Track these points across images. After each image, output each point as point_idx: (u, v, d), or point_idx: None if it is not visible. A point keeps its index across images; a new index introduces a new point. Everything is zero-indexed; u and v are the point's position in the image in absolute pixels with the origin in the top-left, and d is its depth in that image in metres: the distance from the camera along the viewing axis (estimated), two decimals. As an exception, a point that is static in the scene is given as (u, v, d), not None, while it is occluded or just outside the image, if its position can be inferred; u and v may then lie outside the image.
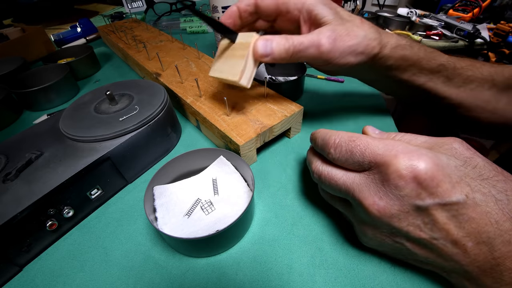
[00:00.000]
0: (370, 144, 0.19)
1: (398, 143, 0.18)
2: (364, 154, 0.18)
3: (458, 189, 0.16)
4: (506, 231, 0.16)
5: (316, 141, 0.23)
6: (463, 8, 0.70)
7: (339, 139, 0.20)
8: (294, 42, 0.26)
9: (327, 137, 0.21)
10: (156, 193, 0.26)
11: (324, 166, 0.22)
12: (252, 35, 0.27)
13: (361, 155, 0.19)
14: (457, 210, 0.16)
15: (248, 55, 0.27)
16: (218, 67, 0.31)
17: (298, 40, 0.26)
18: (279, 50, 0.26)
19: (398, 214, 0.17)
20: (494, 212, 0.16)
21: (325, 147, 0.21)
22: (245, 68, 0.28)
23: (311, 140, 0.24)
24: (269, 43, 0.26)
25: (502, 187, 0.17)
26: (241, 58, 0.28)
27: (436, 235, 0.17)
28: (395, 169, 0.17)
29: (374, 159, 0.18)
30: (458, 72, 0.31)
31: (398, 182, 0.17)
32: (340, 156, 0.20)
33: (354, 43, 0.26)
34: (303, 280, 0.22)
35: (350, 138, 0.20)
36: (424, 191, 0.16)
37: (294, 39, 0.26)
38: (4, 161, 0.27)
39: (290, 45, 0.26)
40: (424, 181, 0.16)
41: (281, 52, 0.26)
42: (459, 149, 0.19)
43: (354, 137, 0.20)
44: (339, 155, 0.20)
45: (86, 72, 0.56)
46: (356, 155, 0.19)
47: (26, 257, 0.25)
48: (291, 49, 0.26)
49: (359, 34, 0.26)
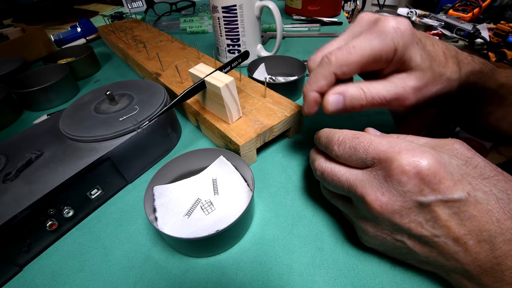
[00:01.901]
0: (373, 141, 0.19)
1: (401, 140, 0.18)
2: (368, 151, 0.19)
3: (460, 187, 0.16)
4: (507, 230, 0.16)
5: (320, 139, 0.23)
6: (463, 8, 0.70)
7: (343, 136, 0.20)
8: (373, 96, 0.22)
9: (331, 134, 0.22)
10: (156, 193, 0.26)
11: (327, 163, 0.22)
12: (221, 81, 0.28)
13: (364, 152, 0.19)
14: (458, 208, 0.16)
15: (225, 103, 0.29)
16: (208, 104, 0.33)
17: (379, 95, 0.22)
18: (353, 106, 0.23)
19: (400, 210, 0.17)
20: (495, 210, 0.16)
21: (329, 144, 0.21)
22: (230, 111, 0.30)
23: (315, 139, 0.24)
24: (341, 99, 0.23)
25: (502, 186, 0.17)
26: (222, 106, 0.30)
27: (438, 232, 0.17)
28: (398, 164, 0.17)
29: (377, 155, 0.18)
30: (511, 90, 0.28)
31: (400, 177, 0.17)
32: (343, 153, 0.20)
33: (438, 89, 0.23)
34: (303, 280, 0.22)
35: (354, 136, 0.20)
36: (427, 187, 0.16)
37: (373, 93, 0.22)
38: (4, 161, 0.27)
39: (368, 101, 0.23)
40: (427, 177, 0.16)
41: (354, 107, 0.23)
42: (460, 149, 0.19)
43: (357, 135, 0.20)
44: (342, 152, 0.20)
45: (86, 72, 0.56)
46: (359, 152, 0.19)
47: (26, 257, 0.25)
48: (368, 105, 0.23)
49: (444, 77, 0.23)
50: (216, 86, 0.28)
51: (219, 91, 0.28)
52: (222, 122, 0.32)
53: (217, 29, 0.49)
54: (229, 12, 0.45)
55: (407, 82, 0.22)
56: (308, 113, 0.26)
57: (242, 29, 0.47)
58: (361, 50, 0.21)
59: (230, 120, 0.31)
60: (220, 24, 0.47)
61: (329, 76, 0.23)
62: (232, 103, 0.30)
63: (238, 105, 0.31)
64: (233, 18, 0.46)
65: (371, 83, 0.23)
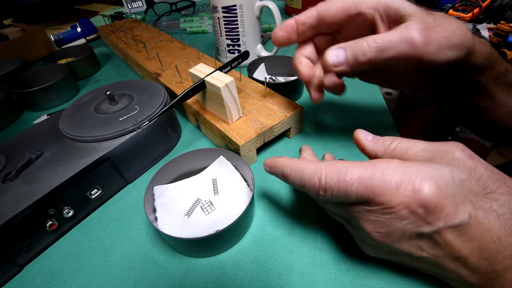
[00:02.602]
0: (365, 180, 0.17)
1: (395, 166, 0.17)
2: (362, 194, 0.17)
3: (461, 210, 0.16)
4: (507, 247, 0.15)
5: (289, 179, 0.20)
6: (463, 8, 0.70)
7: (324, 179, 0.18)
8: (377, 43, 0.21)
9: (305, 175, 0.19)
10: (156, 193, 0.26)
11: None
12: (221, 81, 0.28)
13: (357, 196, 0.17)
14: (460, 231, 0.16)
15: (225, 103, 0.29)
16: (208, 104, 0.33)
17: (384, 40, 0.21)
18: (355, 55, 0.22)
19: (400, 238, 0.17)
20: (496, 228, 0.16)
21: (311, 189, 0.19)
22: (230, 111, 0.30)
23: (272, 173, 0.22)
24: (341, 52, 0.22)
25: (505, 200, 0.16)
26: (222, 106, 0.29)
27: (438, 254, 0.17)
28: (399, 203, 0.16)
29: (372, 194, 0.16)
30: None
31: (402, 213, 0.16)
32: (333, 198, 0.18)
33: (449, 33, 0.21)
34: (303, 280, 0.22)
35: (339, 176, 0.17)
36: (428, 217, 0.16)
37: (377, 40, 0.21)
38: (4, 161, 0.27)
39: (372, 50, 0.21)
40: (428, 208, 0.16)
41: (358, 57, 0.21)
42: (461, 158, 0.18)
43: (342, 174, 0.17)
44: (331, 197, 0.18)
45: (86, 72, 0.56)
46: (351, 196, 0.17)
47: (26, 257, 0.25)
48: (373, 51, 0.21)
49: (451, 24, 0.21)
50: (216, 86, 0.28)
51: (219, 91, 0.28)
52: (222, 122, 0.32)
53: (217, 29, 0.49)
54: (229, 12, 0.45)
55: (408, 25, 0.21)
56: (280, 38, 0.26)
57: (242, 29, 0.47)
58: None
59: (230, 120, 0.31)
60: (220, 24, 0.47)
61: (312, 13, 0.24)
62: (232, 103, 0.30)
63: (238, 105, 0.31)
64: (233, 18, 0.46)
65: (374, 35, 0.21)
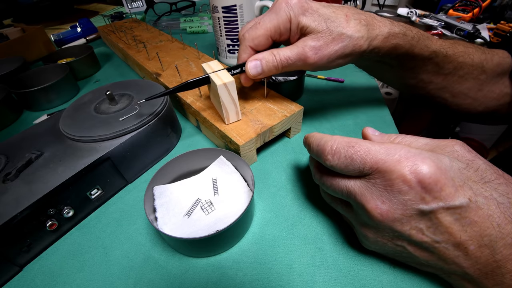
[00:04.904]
0: (371, 150, 0.18)
1: (400, 147, 0.18)
2: (365, 161, 0.18)
3: (461, 193, 0.16)
4: (507, 234, 0.16)
5: (311, 146, 0.22)
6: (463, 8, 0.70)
7: (336, 145, 0.19)
8: (281, 58, 0.27)
9: (322, 142, 0.20)
10: (156, 193, 0.26)
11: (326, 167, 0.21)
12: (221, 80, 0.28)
13: (362, 162, 0.18)
14: (460, 214, 0.16)
15: (221, 101, 0.29)
16: (213, 100, 0.34)
17: (285, 56, 0.27)
18: (269, 68, 0.28)
19: (401, 218, 0.17)
20: (496, 215, 0.16)
21: (322, 154, 0.20)
22: (227, 111, 0.30)
23: (305, 144, 0.24)
24: (258, 63, 0.28)
25: (503, 190, 0.17)
26: (220, 104, 0.30)
27: (439, 239, 0.17)
28: (399, 174, 0.16)
29: (376, 164, 0.17)
30: (449, 59, 0.31)
31: (402, 187, 0.16)
32: (339, 163, 0.19)
33: (340, 47, 0.26)
34: (303, 280, 0.22)
35: (349, 144, 0.19)
36: (428, 195, 0.16)
37: (281, 55, 0.27)
38: (4, 161, 0.27)
39: (278, 63, 0.27)
40: (428, 185, 0.16)
41: (270, 69, 0.28)
42: (460, 151, 0.18)
43: (352, 143, 0.19)
44: (337, 162, 0.19)
45: (86, 72, 0.56)
46: (356, 162, 0.18)
47: (26, 257, 0.25)
48: (279, 66, 0.28)
49: (345, 36, 0.26)
50: (215, 83, 0.28)
51: (216, 88, 0.28)
52: (222, 122, 0.32)
53: (217, 29, 0.49)
54: (229, 12, 0.45)
55: (307, 42, 0.26)
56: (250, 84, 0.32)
57: (242, 29, 0.47)
58: (264, 24, 0.28)
59: (226, 120, 0.31)
60: (220, 24, 0.47)
61: (247, 49, 0.29)
62: (230, 104, 0.30)
63: (237, 108, 0.30)
64: (233, 18, 0.46)
65: (281, 49, 0.28)
